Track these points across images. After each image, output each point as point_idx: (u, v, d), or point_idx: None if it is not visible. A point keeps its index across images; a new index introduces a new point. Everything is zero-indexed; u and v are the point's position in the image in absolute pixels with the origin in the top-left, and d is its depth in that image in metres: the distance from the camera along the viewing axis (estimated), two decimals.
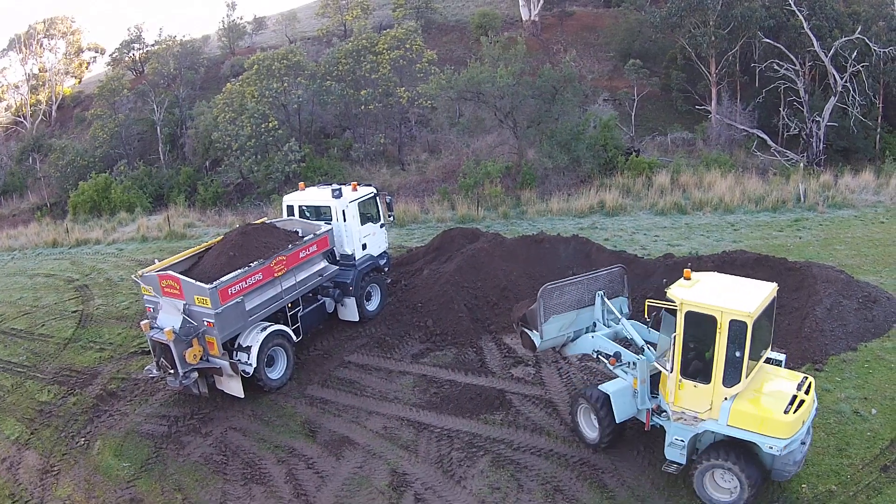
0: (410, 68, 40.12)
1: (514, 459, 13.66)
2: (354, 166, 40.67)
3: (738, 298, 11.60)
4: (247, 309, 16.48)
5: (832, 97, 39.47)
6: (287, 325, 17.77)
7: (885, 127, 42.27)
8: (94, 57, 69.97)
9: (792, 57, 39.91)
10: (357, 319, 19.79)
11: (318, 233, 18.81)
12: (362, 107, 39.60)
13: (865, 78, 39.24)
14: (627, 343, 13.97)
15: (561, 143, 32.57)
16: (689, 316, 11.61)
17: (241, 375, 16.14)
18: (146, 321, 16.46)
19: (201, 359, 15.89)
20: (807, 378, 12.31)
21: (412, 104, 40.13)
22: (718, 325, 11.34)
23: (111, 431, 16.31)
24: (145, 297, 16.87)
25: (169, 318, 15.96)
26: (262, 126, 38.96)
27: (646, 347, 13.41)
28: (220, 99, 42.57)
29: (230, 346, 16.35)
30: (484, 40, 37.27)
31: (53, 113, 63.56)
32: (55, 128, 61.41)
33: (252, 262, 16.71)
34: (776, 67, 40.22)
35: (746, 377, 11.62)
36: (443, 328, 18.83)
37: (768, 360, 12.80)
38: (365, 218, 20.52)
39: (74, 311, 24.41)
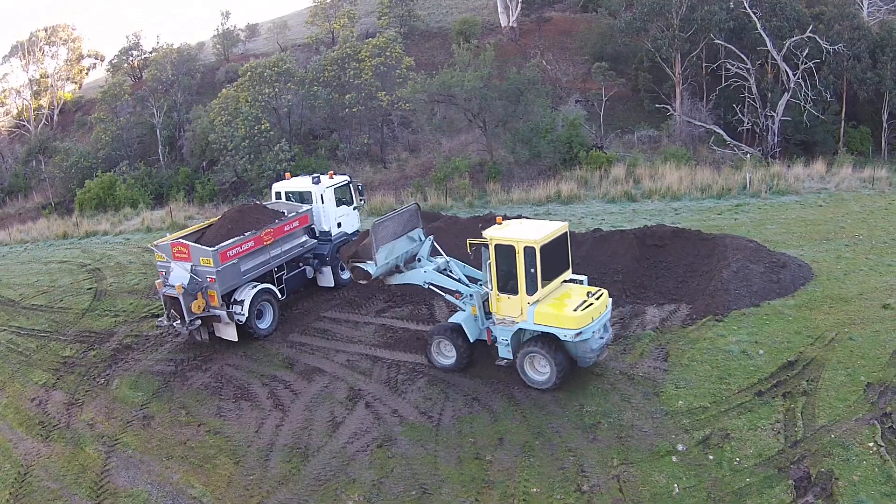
0: (390, 74, 44.58)
1: (446, 380, 17.80)
2: (340, 165, 44.89)
3: (529, 233, 16.28)
4: (241, 270, 20.83)
5: (786, 93, 43.35)
6: (274, 285, 22.09)
7: (850, 122, 45.70)
8: (94, 63, 74.59)
9: (742, 56, 43.93)
10: (333, 285, 24.13)
11: (299, 212, 23.18)
12: (346, 110, 44.03)
13: (827, 75, 43.04)
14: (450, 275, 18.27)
15: (523, 139, 36.91)
16: (497, 248, 16.28)
17: (236, 323, 20.48)
18: (160, 281, 20.81)
19: (204, 309, 20.20)
20: (600, 290, 16.89)
21: (392, 107, 44.52)
22: (516, 252, 15.94)
23: (127, 373, 20.42)
24: (159, 263, 21.13)
25: (179, 277, 20.27)
26: (255, 128, 43.33)
27: (468, 282, 17.79)
28: (216, 103, 46.98)
29: (227, 300, 20.61)
30: (456, 47, 41.77)
31: (55, 117, 67.95)
32: (57, 131, 65.81)
33: (246, 232, 21.10)
34: (729, 66, 44.33)
35: (542, 288, 16.24)
36: (402, 290, 23.04)
37: (573, 281, 17.54)
38: (340, 201, 24.83)
39: (89, 289, 28.46)
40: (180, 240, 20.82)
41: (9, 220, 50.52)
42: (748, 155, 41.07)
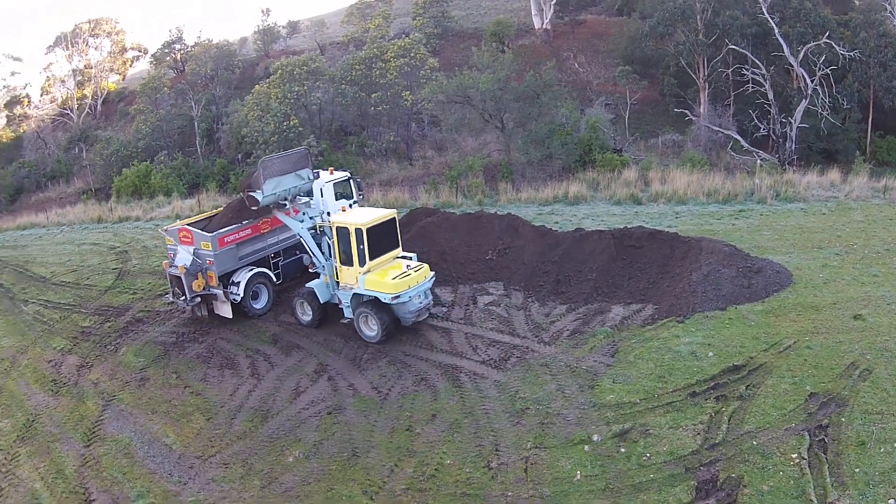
0: (415, 74, 47.18)
1: (404, 361, 20.34)
2: (367, 161, 47.81)
3: (361, 218, 21.22)
4: (238, 255, 23.78)
5: (803, 100, 43.58)
6: (270, 270, 24.96)
7: (878, 132, 45.85)
8: (137, 56, 78.36)
9: (758, 61, 44.91)
10: None
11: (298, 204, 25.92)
12: (373, 108, 46.84)
13: (851, 83, 43.23)
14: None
15: (536, 140, 39.09)
16: (338, 229, 21.30)
17: (231, 302, 23.44)
18: (167, 261, 23.89)
19: (204, 288, 23.24)
20: (421, 265, 21.70)
21: (417, 106, 47.15)
22: (350, 233, 20.76)
23: (134, 342, 23.62)
24: (168, 246, 24.30)
25: (183, 258, 23.30)
26: (284, 124, 46.37)
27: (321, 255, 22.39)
28: (249, 99, 50.27)
29: (225, 281, 23.56)
30: (475, 49, 44.16)
31: (98, 107, 72.16)
32: (100, 120, 70.12)
33: (244, 221, 23.95)
34: (744, 72, 45.36)
35: (371, 261, 21.00)
36: None
37: (404, 258, 22.17)
38: (340, 195, 27.42)
39: (114, 269, 31.78)
40: (185, 225, 23.84)
41: (49, 204, 54.63)
42: (759, 161, 42.14)
